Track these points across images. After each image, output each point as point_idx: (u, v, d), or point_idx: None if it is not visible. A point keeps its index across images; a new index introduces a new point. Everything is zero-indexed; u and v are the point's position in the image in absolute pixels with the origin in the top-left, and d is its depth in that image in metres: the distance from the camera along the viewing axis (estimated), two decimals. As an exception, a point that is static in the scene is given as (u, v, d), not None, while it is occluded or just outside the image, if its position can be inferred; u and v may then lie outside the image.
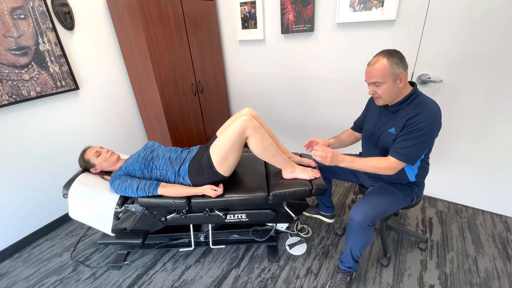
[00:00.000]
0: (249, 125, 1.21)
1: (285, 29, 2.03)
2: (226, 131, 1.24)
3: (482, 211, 1.82)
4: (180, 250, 1.53)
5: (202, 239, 1.64)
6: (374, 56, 1.08)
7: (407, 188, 1.26)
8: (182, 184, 1.33)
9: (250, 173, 1.45)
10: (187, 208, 1.33)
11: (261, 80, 2.41)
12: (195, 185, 1.32)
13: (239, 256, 1.57)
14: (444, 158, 1.80)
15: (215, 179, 1.29)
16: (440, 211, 1.84)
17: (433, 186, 1.94)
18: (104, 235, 1.54)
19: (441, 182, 1.90)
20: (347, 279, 1.31)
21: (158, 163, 1.36)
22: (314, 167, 1.46)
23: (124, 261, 1.59)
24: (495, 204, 1.77)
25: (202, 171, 1.28)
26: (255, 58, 2.34)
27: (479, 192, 1.78)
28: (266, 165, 1.55)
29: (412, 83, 1.14)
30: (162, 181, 1.35)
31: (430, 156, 1.78)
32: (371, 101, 1.38)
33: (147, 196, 1.32)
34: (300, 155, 1.59)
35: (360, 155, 1.48)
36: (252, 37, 2.24)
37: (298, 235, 1.67)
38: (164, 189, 1.29)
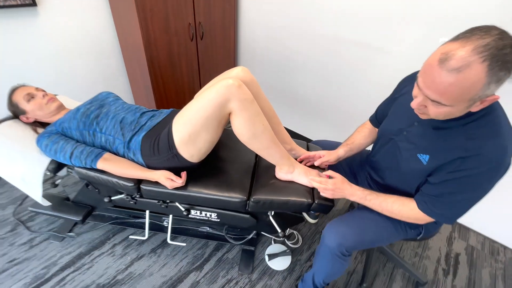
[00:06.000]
0: (235, 95, 0.76)
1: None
2: (199, 99, 0.81)
3: (527, 258, 1.40)
4: (130, 237, 1.23)
5: (166, 224, 1.32)
6: (460, 40, 0.52)
7: None
8: (133, 161, 0.95)
9: (231, 161, 1.05)
10: (136, 195, 0.97)
11: (283, 36, 1.84)
12: (149, 167, 0.94)
13: (204, 256, 1.26)
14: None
15: (177, 164, 0.90)
16: (472, 247, 1.43)
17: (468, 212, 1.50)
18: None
19: (480, 208, 1.44)
20: None
21: (105, 126, 0.96)
22: (323, 169, 1.04)
23: (69, 232, 1.31)
24: (549, 255, 1.34)
25: (158, 150, 0.88)
26: (281, 6, 1.75)
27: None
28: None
29: None
30: (108, 150, 0.97)
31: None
32: (403, 88, 0.86)
33: (85, 168, 0.96)
34: (308, 146, 1.16)
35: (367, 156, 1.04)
36: (279, -29, 1.63)
37: (283, 244, 1.33)
38: (107, 164, 0.92)
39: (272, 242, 1.34)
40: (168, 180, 0.88)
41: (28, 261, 1.20)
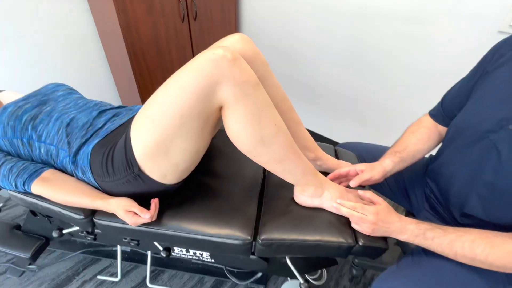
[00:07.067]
0: (228, 74, 0.45)
1: None
2: (169, 85, 0.49)
3: None
4: (99, 277, 0.93)
5: (148, 253, 1.02)
6: None
7: None
8: (83, 181, 0.65)
9: (228, 177, 0.73)
10: (90, 230, 0.67)
11: (292, 16, 1.50)
12: (105, 191, 0.63)
13: (199, 298, 0.96)
14: None
15: (144, 188, 0.59)
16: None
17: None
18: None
19: None
20: None
21: (45, 131, 0.66)
22: (363, 188, 0.71)
23: (29, 264, 1.03)
24: None
25: (113, 168, 0.57)
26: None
27: None
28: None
29: None
30: (52, 166, 0.67)
31: None
32: (499, 57, 0.54)
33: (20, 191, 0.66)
34: (336, 152, 0.84)
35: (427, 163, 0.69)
36: None
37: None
38: (45, 187, 0.62)
39: (288, 278, 1.02)
40: (128, 214, 0.57)
41: (-25, 305, 0.93)
